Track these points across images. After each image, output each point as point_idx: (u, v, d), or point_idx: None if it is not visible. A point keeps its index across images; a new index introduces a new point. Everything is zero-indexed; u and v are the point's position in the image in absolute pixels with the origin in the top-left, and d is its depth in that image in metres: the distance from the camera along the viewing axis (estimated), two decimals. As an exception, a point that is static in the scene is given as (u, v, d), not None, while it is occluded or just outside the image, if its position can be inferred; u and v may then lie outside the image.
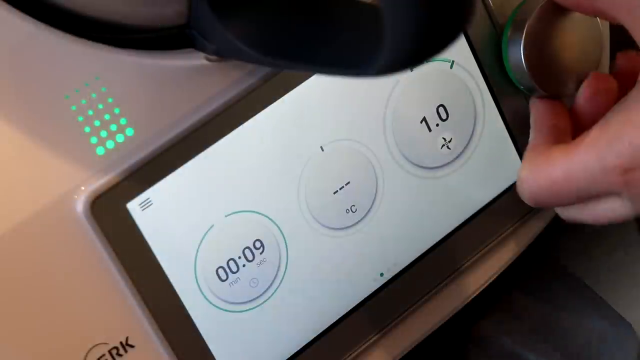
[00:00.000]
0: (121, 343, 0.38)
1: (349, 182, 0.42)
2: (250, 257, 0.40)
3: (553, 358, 0.50)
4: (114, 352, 0.38)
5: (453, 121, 0.43)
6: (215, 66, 0.38)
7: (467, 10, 0.28)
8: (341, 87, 0.41)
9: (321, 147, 0.41)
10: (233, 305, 0.40)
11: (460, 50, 0.43)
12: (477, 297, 0.47)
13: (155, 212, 0.38)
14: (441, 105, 0.43)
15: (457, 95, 0.43)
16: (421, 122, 0.43)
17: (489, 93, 0.44)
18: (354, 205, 0.42)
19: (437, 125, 0.43)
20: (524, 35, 0.41)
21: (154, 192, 0.38)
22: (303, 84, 0.40)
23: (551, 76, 0.42)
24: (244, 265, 0.40)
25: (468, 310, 0.47)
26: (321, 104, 0.41)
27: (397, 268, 0.44)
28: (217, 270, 0.40)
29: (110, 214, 0.37)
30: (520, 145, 0.45)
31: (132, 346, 0.39)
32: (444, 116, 0.43)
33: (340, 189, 0.42)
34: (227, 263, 0.40)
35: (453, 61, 0.43)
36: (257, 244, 0.40)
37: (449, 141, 0.44)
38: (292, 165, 0.40)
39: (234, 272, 0.40)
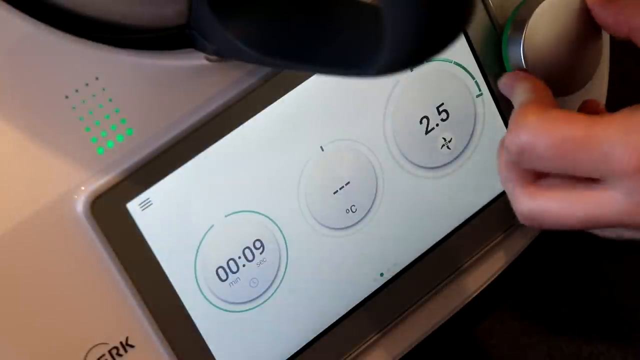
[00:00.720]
0: (121, 343, 0.38)
1: (349, 182, 0.42)
2: (250, 257, 0.40)
3: (553, 359, 0.50)
4: (114, 352, 0.38)
5: (453, 121, 0.43)
6: (215, 66, 0.38)
7: (467, 10, 0.28)
8: (341, 87, 0.41)
9: (321, 147, 0.41)
10: (233, 305, 0.40)
11: (460, 50, 0.43)
12: (477, 297, 0.47)
13: (155, 212, 0.38)
14: (441, 105, 0.43)
15: (457, 95, 0.43)
16: (421, 122, 0.43)
17: (489, 93, 0.44)
18: (354, 205, 0.42)
19: (437, 125, 0.43)
20: (524, 35, 0.41)
21: (154, 192, 0.38)
22: (303, 84, 0.40)
23: (551, 76, 0.42)
24: (244, 265, 0.40)
25: (468, 310, 0.47)
26: (321, 104, 0.41)
27: (397, 268, 0.44)
28: (217, 270, 0.40)
29: (110, 214, 0.37)
30: (520, 145, 0.45)
31: (132, 346, 0.39)
32: (444, 116, 0.43)
33: (340, 189, 0.42)
34: (227, 263, 0.40)
35: (453, 61, 0.43)
36: (257, 244, 0.40)
37: (449, 141, 0.44)
38: (292, 165, 0.40)
39: (234, 272, 0.40)
